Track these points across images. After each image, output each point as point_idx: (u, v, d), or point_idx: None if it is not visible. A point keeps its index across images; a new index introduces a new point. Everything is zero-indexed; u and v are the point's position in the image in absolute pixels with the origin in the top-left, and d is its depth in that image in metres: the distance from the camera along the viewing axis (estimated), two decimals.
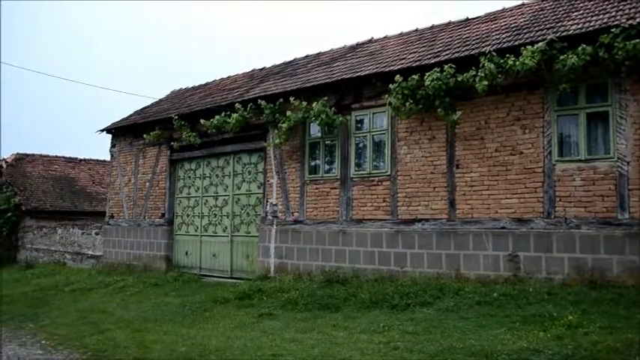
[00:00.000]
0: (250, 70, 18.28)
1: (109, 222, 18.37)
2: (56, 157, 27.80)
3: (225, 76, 19.10)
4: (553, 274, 9.13)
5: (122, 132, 18.33)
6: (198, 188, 15.94)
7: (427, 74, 10.32)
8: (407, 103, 10.73)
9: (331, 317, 8.97)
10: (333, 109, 12.08)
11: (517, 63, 9.31)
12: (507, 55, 9.55)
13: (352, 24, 75.37)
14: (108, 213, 18.60)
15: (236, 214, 14.75)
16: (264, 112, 13.22)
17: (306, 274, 12.15)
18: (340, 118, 12.02)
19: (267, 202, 13.56)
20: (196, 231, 15.83)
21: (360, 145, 12.11)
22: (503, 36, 10.61)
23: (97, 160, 28.93)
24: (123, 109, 55.12)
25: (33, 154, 26.96)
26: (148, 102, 20.54)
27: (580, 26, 9.45)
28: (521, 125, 9.80)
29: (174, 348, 7.72)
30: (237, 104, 13.80)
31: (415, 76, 10.58)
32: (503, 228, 9.77)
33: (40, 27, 79.43)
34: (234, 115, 13.66)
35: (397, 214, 11.18)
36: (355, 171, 12.02)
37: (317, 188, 12.61)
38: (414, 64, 11.01)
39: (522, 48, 9.41)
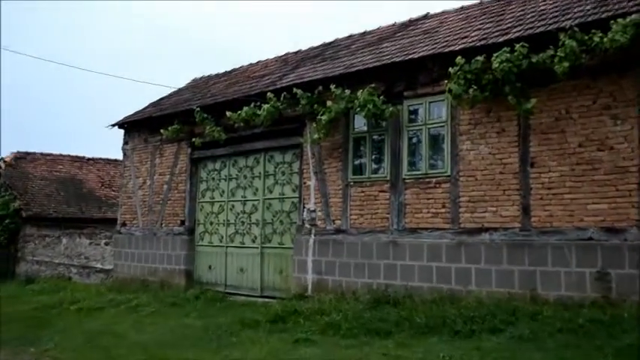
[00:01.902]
0: (284, 53, 18.31)
1: (121, 230, 18.63)
2: (61, 155, 28.44)
3: (254, 62, 19.16)
4: None
5: (136, 127, 18.59)
6: (224, 191, 16.03)
7: (495, 55, 10.12)
8: (470, 90, 10.53)
9: (381, 345, 8.88)
10: (381, 97, 11.96)
11: (605, 40, 9.03)
12: (593, 31, 9.28)
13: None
14: (119, 220, 18.88)
15: (267, 222, 14.76)
16: (300, 103, 13.20)
17: (350, 292, 12.06)
18: (390, 109, 11.89)
19: (303, 207, 13.54)
20: (221, 241, 15.92)
21: (414, 139, 11.98)
22: (588, 7, 10.32)
23: (108, 160, 29.49)
24: (137, 102, 56.05)
25: (34, 153, 27.65)
26: (166, 92, 20.77)
27: None
28: (611, 115, 9.52)
29: None
30: (268, 93, 13.80)
31: (480, 58, 10.39)
32: (589, 239, 9.49)
33: (40, 10, 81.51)
34: (265, 107, 13.67)
35: (459, 222, 11.00)
36: (408, 171, 11.89)
37: (363, 191, 12.52)
38: (478, 44, 10.84)
39: (611, 21, 9.12)
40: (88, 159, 29.22)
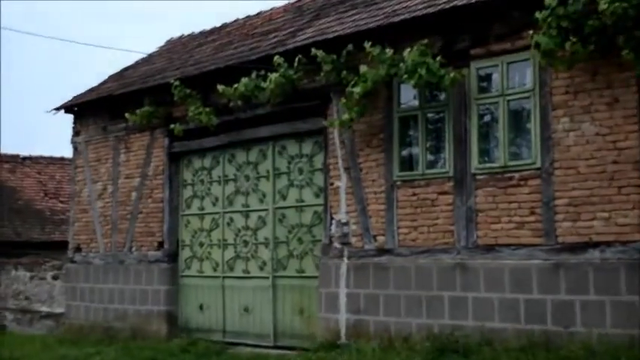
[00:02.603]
0: (295, 0, 18.27)
1: (75, 258, 18.77)
2: None
3: (253, 14, 19.17)
4: None
5: (91, 110, 18.71)
6: (218, 199, 16.11)
7: None
8: (567, 44, 10.43)
9: None
10: (438, 58, 11.88)
11: None
12: None
13: None
14: (72, 243, 19.01)
15: (280, 241, 14.81)
16: (323, 69, 13.21)
17: (400, 339, 12.06)
18: (452, 74, 11.81)
19: (331, 219, 13.55)
20: (216, 270, 16.01)
21: (487, 118, 11.99)
22: None
23: (52, 159, 29.61)
24: (94, 78, 56.45)
25: None
26: (132, 60, 20.87)
27: None
28: None
29: None
30: (276, 57, 13.83)
31: None
32: None
33: None
34: (273, 76, 13.68)
35: (555, 234, 10.91)
36: (480, 163, 11.85)
37: (415, 194, 12.51)
38: None
39: None
40: (24, 158, 29.36)
